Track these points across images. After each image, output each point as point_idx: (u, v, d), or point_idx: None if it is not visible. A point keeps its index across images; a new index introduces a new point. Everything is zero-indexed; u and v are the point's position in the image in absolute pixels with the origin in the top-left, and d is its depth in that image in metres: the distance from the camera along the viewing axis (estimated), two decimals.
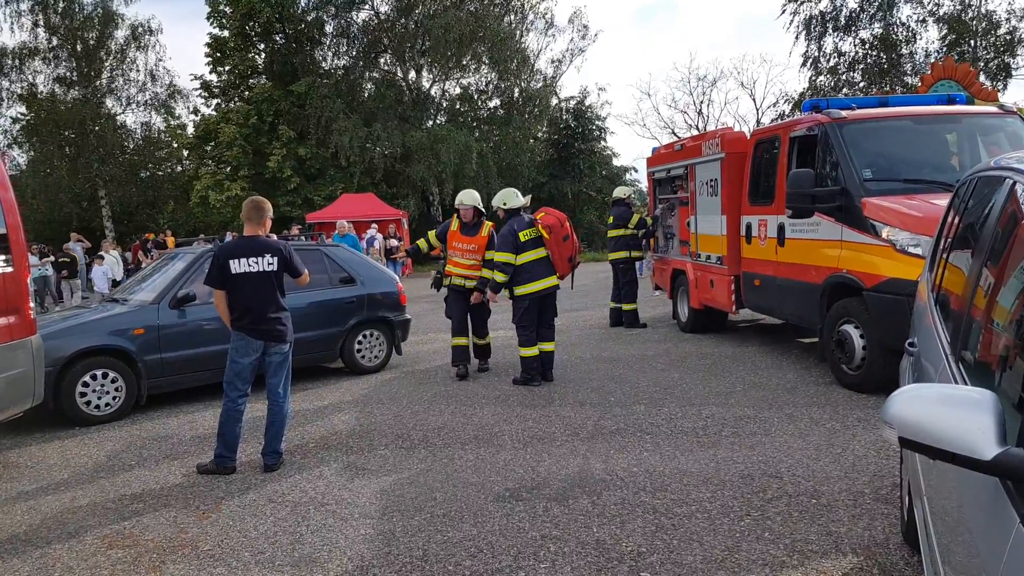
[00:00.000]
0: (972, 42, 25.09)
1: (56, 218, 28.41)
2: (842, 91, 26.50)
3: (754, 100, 41.34)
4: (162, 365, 6.53)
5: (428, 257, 7.70)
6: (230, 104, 29.09)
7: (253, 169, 27.11)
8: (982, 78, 20.88)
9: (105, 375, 6.27)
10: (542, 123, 32.30)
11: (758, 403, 5.70)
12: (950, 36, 25.15)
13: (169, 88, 30.16)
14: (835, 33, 27.11)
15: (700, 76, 44.77)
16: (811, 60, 27.49)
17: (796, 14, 27.36)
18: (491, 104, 31.90)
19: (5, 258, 5.30)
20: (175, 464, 5.03)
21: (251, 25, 28.53)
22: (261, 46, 29.66)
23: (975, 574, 1.40)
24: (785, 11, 27.70)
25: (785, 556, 3.17)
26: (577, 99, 32.33)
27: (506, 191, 7.18)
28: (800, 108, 8.55)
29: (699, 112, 35.50)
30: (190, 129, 31.38)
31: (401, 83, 30.13)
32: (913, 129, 6.52)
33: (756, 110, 34.24)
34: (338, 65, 30.05)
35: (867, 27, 26.74)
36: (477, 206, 7.15)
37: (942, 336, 2.40)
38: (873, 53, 26.78)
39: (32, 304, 5.53)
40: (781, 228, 6.95)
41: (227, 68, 29.18)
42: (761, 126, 18.32)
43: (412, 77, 30.36)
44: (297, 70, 28.49)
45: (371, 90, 30.00)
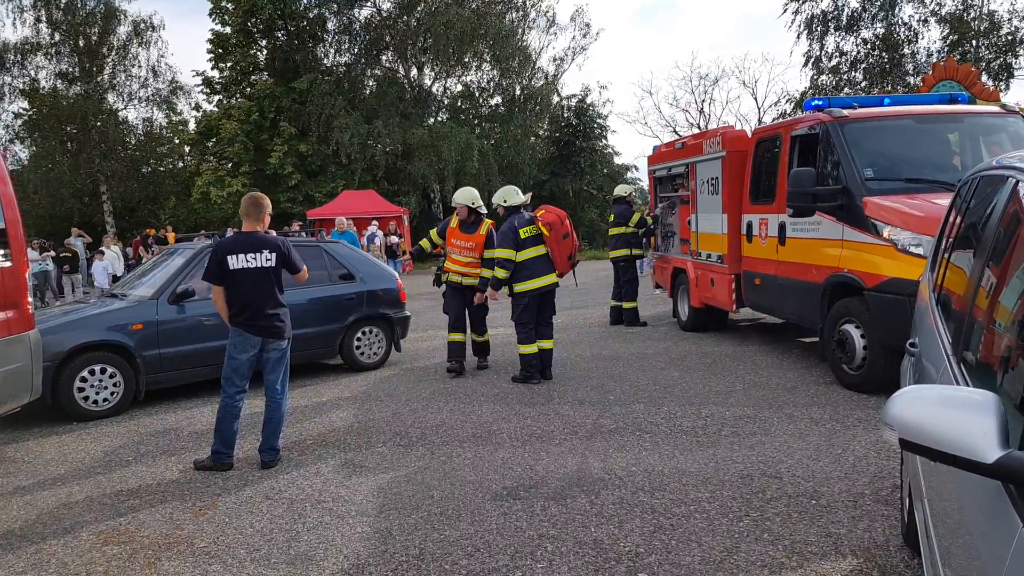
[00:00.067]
0: (974, 42, 25.02)
1: (58, 213, 28.42)
2: (844, 91, 26.44)
3: (756, 99, 41.19)
4: (161, 361, 6.51)
5: (430, 254, 7.70)
6: (232, 100, 29.09)
7: (254, 165, 27.11)
8: (984, 78, 20.84)
9: (103, 370, 6.26)
10: (543, 121, 32.25)
11: (758, 403, 5.67)
12: (952, 36, 25.08)
13: (171, 84, 30.23)
14: (837, 32, 27.05)
15: (702, 75, 44.73)
16: (813, 59, 27.44)
17: (798, 13, 27.31)
18: (492, 102, 31.86)
19: (4, 253, 5.28)
20: (172, 460, 5.01)
21: (253, 21, 28.53)
22: (263, 42, 29.65)
23: None
24: (787, 10, 27.65)
25: (784, 557, 3.15)
26: (578, 97, 32.31)
27: (506, 189, 7.19)
28: (802, 107, 8.51)
29: (701, 111, 35.46)
30: (192, 125, 31.41)
31: (403, 80, 30.09)
32: (915, 128, 6.49)
33: (758, 109, 34.18)
34: (340, 62, 30.05)
35: (869, 27, 26.68)
36: (470, 204, 7.15)
37: (943, 337, 2.38)
38: (875, 53, 26.71)
39: (31, 299, 5.52)
40: (782, 227, 6.92)
41: (229, 64, 29.17)
42: (763, 125, 18.26)
43: (414, 74, 30.32)
44: (299, 67, 28.48)
45: (372, 87, 29.97)
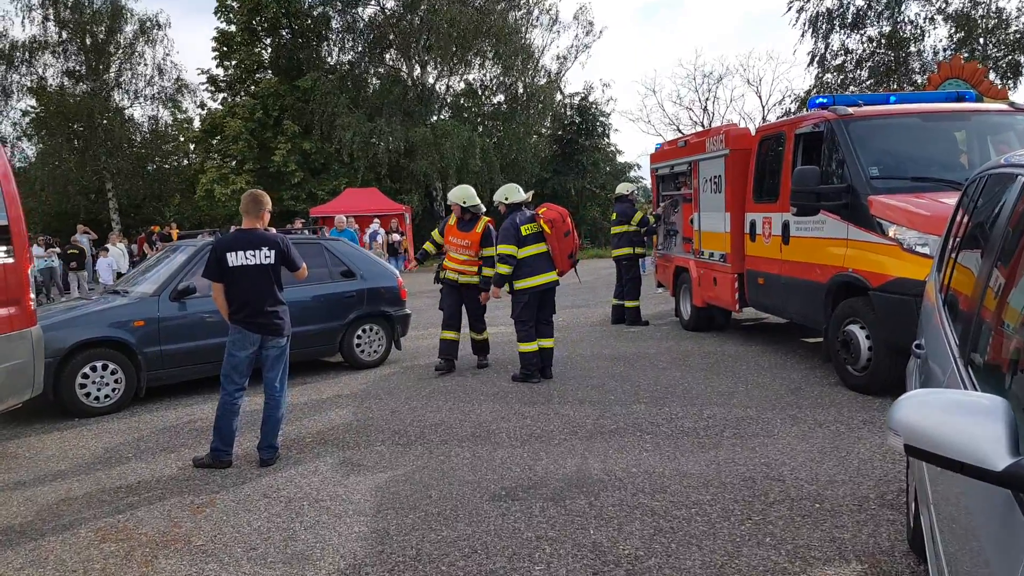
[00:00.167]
0: (982, 40, 24.85)
1: (64, 210, 28.48)
2: (849, 89, 26.31)
3: (760, 97, 41.08)
4: (162, 357, 6.50)
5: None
6: (236, 98, 29.11)
7: (258, 163, 27.15)
8: (992, 76, 20.71)
9: (105, 367, 6.25)
10: (546, 119, 32.18)
11: (761, 404, 5.63)
12: (959, 34, 24.91)
13: (176, 82, 30.28)
14: (842, 30, 26.91)
15: (706, 73, 44.51)
16: (817, 58, 27.30)
17: (802, 11, 27.19)
18: (495, 100, 31.82)
19: (6, 249, 5.27)
20: (172, 457, 4.99)
21: (258, 20, 28.55)
22: (267, 41, 29.68)
23: None
24: (791, 8, 27.53)
25: (787, 563, 3.10)
26: (581, 95, 32.22)
27: (508, 187, 7.16)
28: (806, 105, 8.45)
29: (704, 109, 35.32)
30: (196, 123, 31.43)
31: (406, 78, 30.07)
32: (921, 126, 6.42)
33: (762, 107, 34.02)
34: (343, 60, 30.05)
35: (875, 24, 26.54)
36: (461, 203, 7.16)
37: (951, 338, 2.33)
38: (881, 51, 26.57)
39: (33, 295, 5.51)
40: (786, 226, 6.86)
41: (234, 63, 29.19)
42: (766, 123, 18.22)
43: (417, 72, 30.28)
44: (303, 65, 28.49)
45: (376, 85, 29.96)
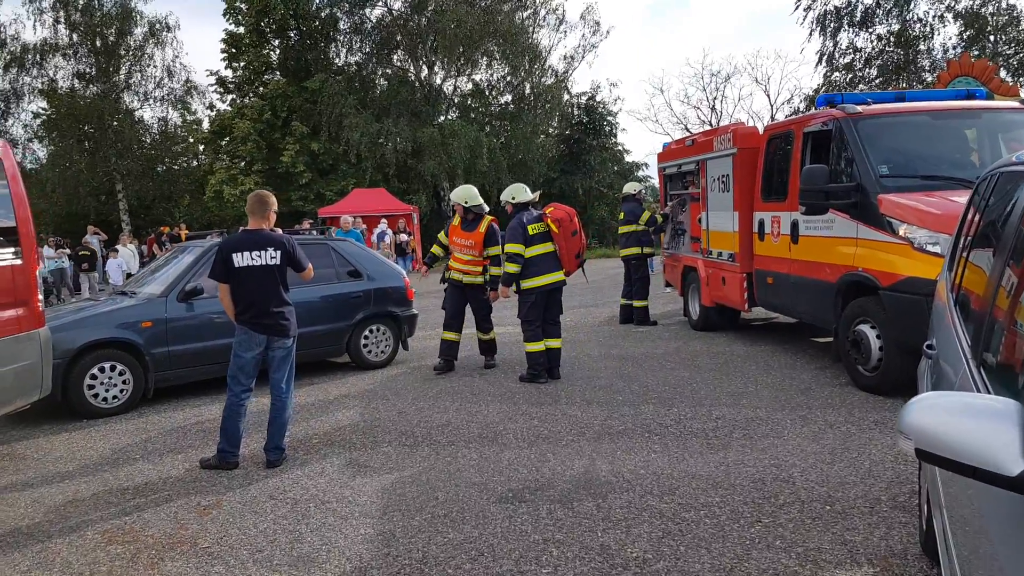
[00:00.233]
0: (992, 37, 24.63)
1: (75, 211, 28.69)
2: (858, 87, 26.14)
3: (768, 96, 40.83)
4: (170, 358, 6.52)
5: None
6: (245, 100, 29.23)
7: (267, 164, 27.24)
8: (1002, 73, 20.52)
9: (113, 368, 6.27)
10: (553, 119, 32.16)
11: (770, 404, 5.58)
12: (969, 31, 24.70)
13: (186, 84, 30.47)
14: (850, 29, 26.75)
15: (713, 72, 44.34)
16: (826, 56, 27.14)
17: (809, 10, 27.04)
18: (502, 100, 31.81)
19: (15, 250, 5.30)
20: (179, 458, 5.00)
21: (266, 22, 28.67)
22: (276, 42, 29.79)
23: None
24: (798, 7, 27.38)
25: (797, 566, 3.06)
26: (588, 95, 32.17)
27: (515, 186, 7.15)
28: (814, 104, 8.39)
29: (712, 108, 35.21)
30: (205, 124, 31.59)
31: (413, 79, 30.11)
32: (931, 124, 6.36)
33: (770, 106, 33.89)
34: (351, 61, 30.12)
35: (884, 22, 26.35)
36: (463, 203, 7.19)
37: (962, 339, 2.30)
38: (890, 49, 26.38)
39: (41, 296, 5.53)
40: (795, 225, 6.81)
41: (242, 64, 29.32)
42: (775, 121, 18.11)
43: (424, 73, 30.32)
44: (311, 66, 28.58)
45: (383, 86, 30.03)
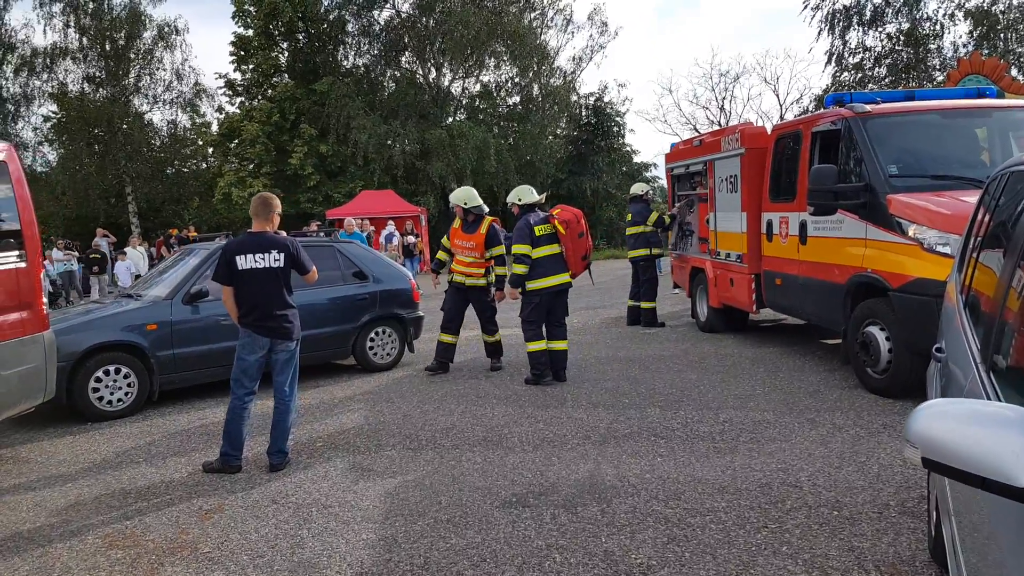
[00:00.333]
0: (1003, 35, 24.38)
1: (85, 214, 28.87)
2: (868, 86, 25.96)
3: (777, 96, 40.70)
4: (175, 361, 6.52)
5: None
6: (253, 102, 29.36)
7: (275, 166, 27.35)
8: (1013, 72, 20.32)
9: (118, 371, 6.27)
10: (561, 120, 32.12)
11: (778, 407, 5.52)
12: (980, 29, 24.46)
13: (195, 87, 30.60)
14: (859, 28, 26.58)
15: (722, 72, 44.08)
16: (835, 55, 26.96)
17: (817, 9, 26.90)
18: (510, 101, 31.80)
19: (19, 253, 5.31)
20: (182, 461, 4.99)
21: (275, 24, 28.81)
22: (284, 45, 29.93)
23: None
24: (807, 6, 27.24)
25: (804, 573, 3.01)
26: (596, 95, 32.11)
27: (521, 188, 7.14)
28: (823, 103, 8.32)
29: (721, 108, 35.03)
30: (214, 127, 31.75)
31: (421, 81, 30.15)
32: (941, 123, 6.28)
33: (780, 106, 33.68)
34: (359, 64, 30.20)
35: (893, 21, 26.17)
36: (462, 204, 7.19)
37: (972, 342, 2.24)
38: (899, 48, 26.19)
39: (45, 299, 5.54)
40: (803, 225, 6.74)
41: (251, 67, 29.45)
42: (783, 121, 17.99)
43: (432, 75, 30.36)
44: (319, 69, 28.68)
45: (391, 88, 30.09)
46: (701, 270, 9.19)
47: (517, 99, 31.53)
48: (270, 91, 29.02)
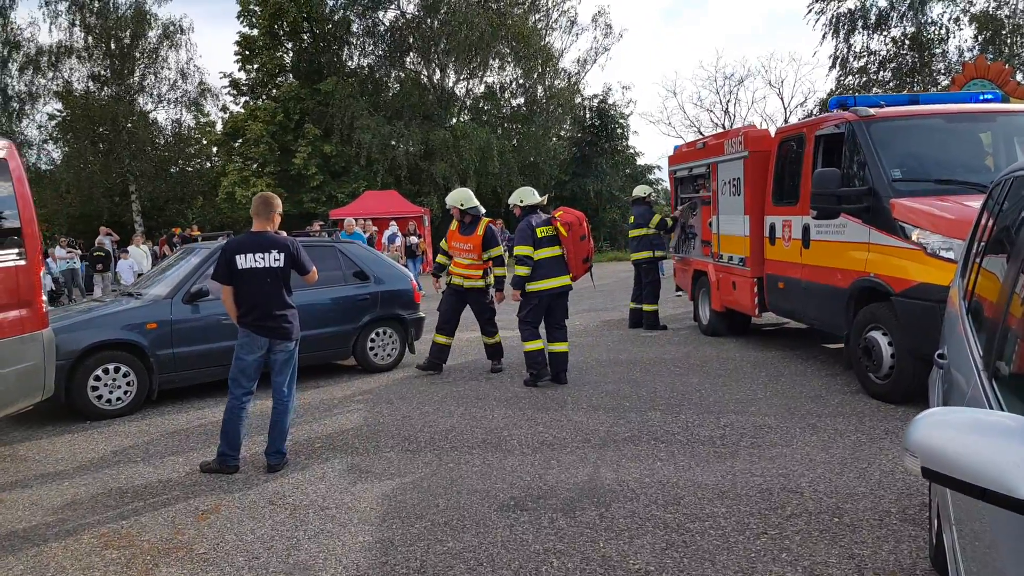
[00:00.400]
0: (1008, 39, 24.32)
1: (89, 212, 28.93)
2: (872, 90, 25.91)
3: (782, 99, 40.55)
4: (174, 360, 6.50)
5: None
6: (258, 102, 29.40)
7: (279, 166, 27.38)
8: (1018, 76, 20.25)
9: (117, 369, 6.26)
10: (565, 121, 32.11)
11: (780, 412, 5.48)
12: (984, 33, 24.41)
13: (199, 86, 30.65)
14: (864, 31, 26.54)
15: (727, 74, 44.13)
16: (840, 59, 26.92)
17: (822, 13, 26.87)
18: (514, 102, 31.80)
19: (19, 251, 5.30)
20: (180, 461, 4.97)
21: (279, 24, 28.84)
22: (289, 45, 29.96)
23: None
24: (811, 11, 27.21)
25: None
26: (600, 97, 32.09)
27: (523, 189, 7.12)
28: (827, 107, 8.29)
29: (726, 111, 35.03)
30: (219, 126, 31.80)
31: (425, 82, 30.16)
32: (945, 128, 6.24)
33: (784, 109, 33.64)
34: (363, 64, 30.22)
35: (898, 25, 26.13)
36: (458, 206, 7.18)
37: (974, 348, 2.21)
38: (904, 52, 26.13)
39: (44, 297, 5.53)
40: (806, 229, 6.71)
41: (255, 66, 29.51)
42: (787, 124, 17.96)
43: (436, 76, 30.38)
44: (323, 69, 28.71)
45: (396, 88, 30.11)
46: (704, 273, 9.15)
47: (521, 100, 31.53)
48: (274, 91, 29.08)
